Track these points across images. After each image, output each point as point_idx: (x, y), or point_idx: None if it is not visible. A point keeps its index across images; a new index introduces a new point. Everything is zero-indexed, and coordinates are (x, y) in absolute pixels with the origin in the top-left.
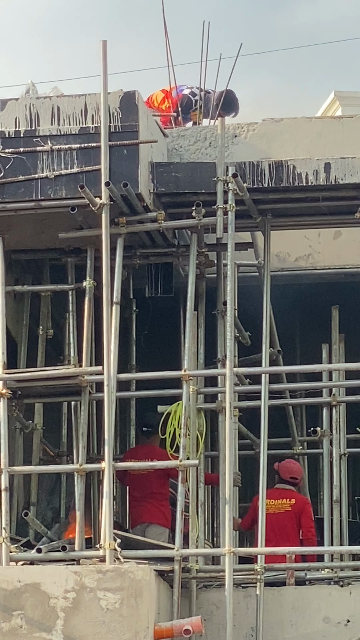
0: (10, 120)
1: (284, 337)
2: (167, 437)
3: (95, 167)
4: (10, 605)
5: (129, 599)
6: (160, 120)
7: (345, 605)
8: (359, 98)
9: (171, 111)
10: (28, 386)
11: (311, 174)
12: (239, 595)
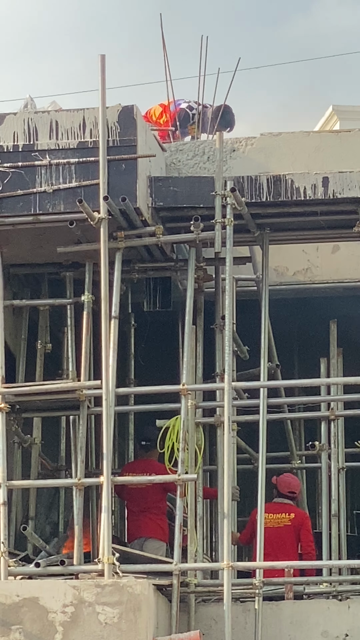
0: (8, 134)
1: (282, 351)
2: (165, 451)
3: (93, 182)
4: (8, 619)
5: (127, 613)
6: (159, 134)
7: (343, 620)
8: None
9: (169, 125)
10: (26, 400)
11: (309, 188)
12: (238, 609)
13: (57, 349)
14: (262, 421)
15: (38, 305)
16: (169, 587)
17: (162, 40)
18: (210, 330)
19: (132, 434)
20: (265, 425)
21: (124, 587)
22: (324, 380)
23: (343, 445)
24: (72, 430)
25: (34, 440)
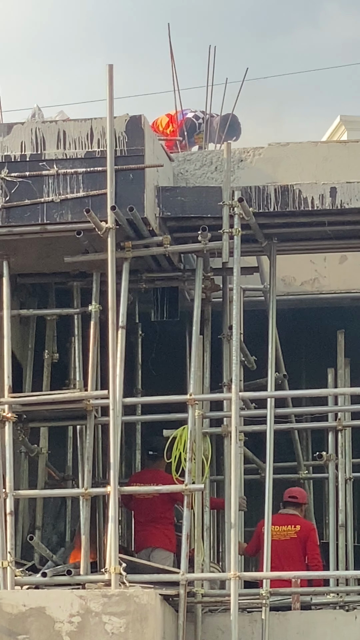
0: (16, 144)
1: (290, 362)
2: (172, 461)
3: (101, 191)
4: (15, 629)
5: (134, 623)
6: (166, 144)
7: (350, 630)
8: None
9: (176, 135)
10: (33, 410)
11: (317, 199)
12: (245, 619)
13: (64, 358)
14: (269, 431)
15: (45, 315)
16: (176, 597)
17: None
18: (218, 340)
19: (139, 444)
20: (272, 436)
21: (130, 597)
22: (331, 390)
23: (350, 455)
24: (79, 440)
25: (41, 450)
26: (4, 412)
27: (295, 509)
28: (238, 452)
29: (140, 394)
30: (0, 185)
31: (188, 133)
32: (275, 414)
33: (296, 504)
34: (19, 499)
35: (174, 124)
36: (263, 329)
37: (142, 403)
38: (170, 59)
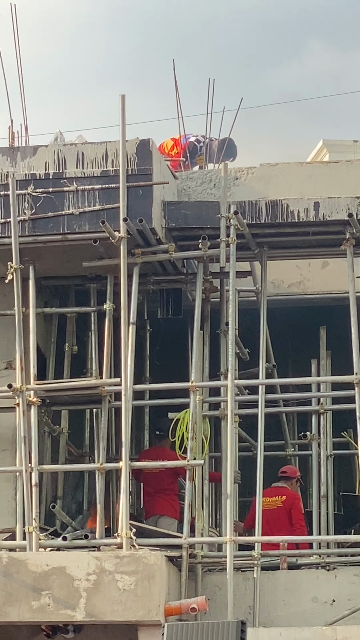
0: (40, 164)
1: (278, 353)
2: (176, 440)
3: (114, 205)
4: (39, 586)
5: (142, 581)
6: (171, 164)
7: (331, 587)
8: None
9: (180, 156)
10: (55, 395)
11: (302, 212)
12: (239, 578)
13: (82, 350)
14: (260, 414)
15: (66, 313)
16: (179, 558)
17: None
18: (216, 335)
19: (147, 425)
20: (263, 418)
21: (139, 558)
22: (314, 378)
23: (331, 435)
24: (95, 422)
25: (62, 430)
26: (30, 397)
27: (285, 482)
28: (233, 432)
29: (148, 382)
30: (27, 199)
31: (190, 155)
32: (266, 399)
33: (286, 478)
34: (42, 472)
35: (178, 146)
36: (255, 325)
37: (150, 389)
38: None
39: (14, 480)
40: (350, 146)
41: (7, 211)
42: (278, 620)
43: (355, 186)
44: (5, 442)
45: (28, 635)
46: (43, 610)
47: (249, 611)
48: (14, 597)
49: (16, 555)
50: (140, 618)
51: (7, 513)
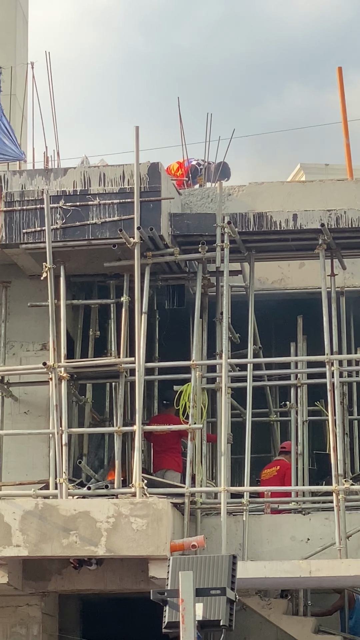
0: (69, 182)
1: (264, 338)
2: (180, 408)
3: (130, 216)
4: (68, 527)
5: (152, 523)
6: (176, 183)
7: (306, 528)
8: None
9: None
10: (81, 371)
11: (283, 222)
12: (231, 520)
13: (103, 335)
14: (249, 387)
15: (90, 304)
16: (182, 505)
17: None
18: (212, 322)
19: (156, 396)
20: (251, 390)
21: (150, 504)
22: (293, 358)
23: (306, 404)
24: (114, 393)
25: (87, 399)
26: (61, 373)
27: (284, 455)
28: (227, 402)
29: (157, 360)
30: (59, 212)
31: (192, 175)
32: (253, 375)
33: (285, 452)
34: (71, 434)
35: (182, 168)
36: (244, 315)
37: (159, 366)
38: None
39: (48, 441)
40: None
41: (42, 221)
42: (263, 555)
43: (326, 201)
44: (41, 410)
45: (59, 567)
46: (71, 546)
47: (239, 548)
48: (48, 536)
49: (49, 502)
50: (150, 553)
51: (42, 467)
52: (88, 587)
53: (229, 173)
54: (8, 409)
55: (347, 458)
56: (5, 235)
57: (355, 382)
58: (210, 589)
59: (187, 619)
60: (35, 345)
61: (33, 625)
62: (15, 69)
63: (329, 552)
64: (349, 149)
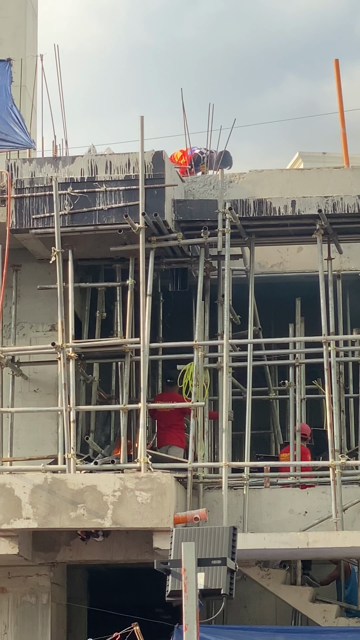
0: (77, 170)
1: (263, 318)
2: (183, 386)
3: (135, 203)
4: (76, 500)
5: (156, 496)
6: (180, 171)
7: (304, 502)
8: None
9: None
10: (89, 351)
11: (282, 208)
12: (232, 494)
13: (109, 316)
14: (249, 366)
15: (97, 287)
16: (185, 479)
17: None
18: (214, 304)
19: (160, 375)
20: (251, 369)
21: (154, 478)
22: (291, 339)
23: (304, 383)
24: (119, 372)
25: (94, 378)
26: (69, 352)
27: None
28: (228, 381)
29: (161, 341)
30: (67, 198)
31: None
32: (253, 355)
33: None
34: (78, 411)
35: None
36: (245, 297)
37: (163, 347)
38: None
39: (56, 418)
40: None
41: (51, 207)
42: (262, 528)
43: (323, 188)
44: (50, 388)
45: (67, 539)
46: (79, 519)
47: (240, 520)
48: (56, 509)
49: (58, 476)
50: (154, 525)
51: (51, 443)
52: (95, 558)
53: (231, 161)
54: (18, 387)
55: (343, 434)
56: (15, 221)
57: (351, 362)
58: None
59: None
60: (45, 326)
61: (42, 594)
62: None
63: (325, 525)
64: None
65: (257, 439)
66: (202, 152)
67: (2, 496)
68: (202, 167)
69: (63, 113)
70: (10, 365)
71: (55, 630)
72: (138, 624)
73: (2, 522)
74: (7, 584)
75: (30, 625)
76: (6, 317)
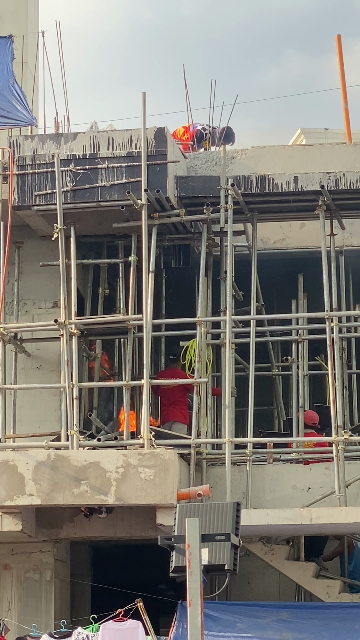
0: (79, 147)
1: (266, 295)
2: (186, 363)
3: (137, 179)
4: (79, 477)
5: (159, 472)
6: (182, 147)
7: (307, 478)
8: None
9: (189, 141)
10: (91, 328)
11: (285, 184)
12: (235, 470)
13: (112, 293)
14: (252, 343)
15: (99, 263)
16: (188, 455)
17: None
18: (217, 281)
19: (163, 351)
20: (254, 345)
21: (157, 455)
22: (294, 315)
23: (307, 359)
24: (122, 348)
25: (97, 355)
26: (72, 329)
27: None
28: (231, 357)
29: (164, 317)
30: (69, 175)
31: (197, 139)
32: (256, 331)
33: (310, 426)
34: (81, 388)
35: (188, 133)
36: (247, 273)
37: (165, 323)
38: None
39: (59, 395)
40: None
41: (53, 184)
42: (265, 503)
43: (326, 164)
44: (53, 365)
45: (71, 515)
46: (82, 495)
47: (243, 496)
48: (60, 485)
49: (61, 453)
50: (158, 502)
51: (54, 420)
52: (98, 534)
53: (233, 137)
54: (21, 364)
55: (346, 410)
56: (17, 198)
57: (353, 338)
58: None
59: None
60: (47, 303)
61: (46, 570)
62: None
63: (328, 501)
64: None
65: (260, 415)
66: (205, 129)
67: (5, 473)
68: (205, 144)
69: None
70: (13, 342)
71: (59, 606)
72: (142, 600)
73: (6, 498)
74: (10, 560)
75: (34, 602)
76: (8, 294)
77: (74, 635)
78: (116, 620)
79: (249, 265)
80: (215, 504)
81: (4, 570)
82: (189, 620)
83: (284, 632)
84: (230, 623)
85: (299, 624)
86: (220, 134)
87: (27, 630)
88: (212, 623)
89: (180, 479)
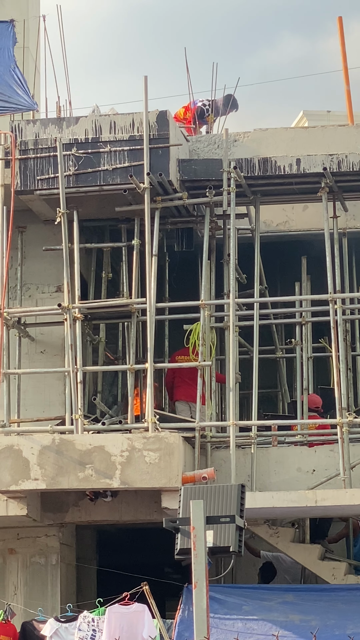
0: (81, 131)
1: (269, 277)
2: (190, 346)
3: (140, 163)
4: (84, 460)
5: (164, 456)
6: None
7: (311, 460)
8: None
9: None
10: (95, 312)
11: (287, 167)
12: (239, 453)
13: (115, 277)
14: (255, 325)
15: (102, 247)
16: (193, 438)
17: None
18: (220, 264)
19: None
20: (258, 328)
21: (162, 438)
22: (297, 297)
23: (311, 341)
24: (126, 332)
25: (101, 339)
26: (75, 313)
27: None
28: (234, 340)
29: (168, 300)
30: (71, 159)
31: (199, 116)
32: (260, 314)
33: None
34: (85, 372)
35: (188, 111)
36: (251, 256)
37: (169, 306)
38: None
39: (63, 379)
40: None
41: (55, 168)
42: (270, 486)
43: (328, 146)
44: (57, 349)
45: (76, 499)
46: (87, 479)
47: (248, 479)
48: (64, 469)
49: (66, 437)
50: (163, 485)
51: (58, 404)
52: (104, 518)
53: (237, 104)
54: (25, 348)
55: (351, 392)
56: (20, 182)
57: (357, 319)
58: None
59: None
60: (50, 288)
61: (51, 555)
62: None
63: (333, 483)
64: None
65: (264, 398)
66: (205, 104)
67: (10, 457)
68: (209, 118)
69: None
70: (16, 327)
71: (65, 590)
72: (147, 584)
73: (11, 483)
74: (16, 545)
75: (39, 586)
76: (12, 279)
77: (80, 619)
78: (122, 604)
79: (252, 248)
80: (219, 486)
81: (9, 555)
82: (195, 602)
83: (290, 614)
84: (236, 605)
85: (305, 606)
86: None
87: (33, 615)
88: (217, 605)
89: (185, 462)
